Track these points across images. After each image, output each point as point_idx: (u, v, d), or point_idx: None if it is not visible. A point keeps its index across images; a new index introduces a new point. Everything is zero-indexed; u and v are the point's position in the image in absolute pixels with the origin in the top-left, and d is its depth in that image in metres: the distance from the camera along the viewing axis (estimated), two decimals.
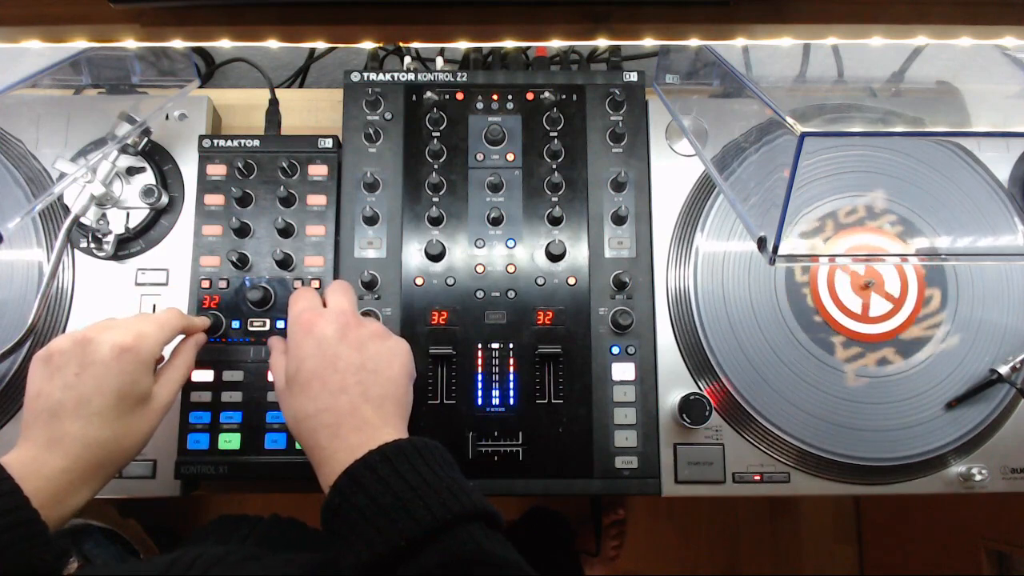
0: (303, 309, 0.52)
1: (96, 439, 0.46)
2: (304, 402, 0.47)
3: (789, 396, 0.59)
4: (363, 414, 0.46)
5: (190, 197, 0.62)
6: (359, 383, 0.47)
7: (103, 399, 0.46)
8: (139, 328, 0.49)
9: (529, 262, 0.61)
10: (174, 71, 0.65)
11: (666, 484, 0.58)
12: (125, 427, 0.47)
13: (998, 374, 0.59)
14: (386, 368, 0.49)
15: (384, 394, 0.48)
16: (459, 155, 0.63)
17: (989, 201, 0.62)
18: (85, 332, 0.48)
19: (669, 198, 0.64)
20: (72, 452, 0.45)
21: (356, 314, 0.52)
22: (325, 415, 0.46)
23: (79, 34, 0.49)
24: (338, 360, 0.48)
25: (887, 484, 0.60)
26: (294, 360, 0.49)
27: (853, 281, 0.61)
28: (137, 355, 0.48)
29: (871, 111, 0.63)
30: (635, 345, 0.60)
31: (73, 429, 0.45)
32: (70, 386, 0.46)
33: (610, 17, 0.49)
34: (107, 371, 0.47)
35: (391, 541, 0.38)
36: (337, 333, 0.49)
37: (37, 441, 0.45)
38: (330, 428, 0.46)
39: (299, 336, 0.50)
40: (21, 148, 0.62)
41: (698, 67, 0.66)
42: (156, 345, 0.50)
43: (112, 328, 0.49)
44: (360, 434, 0.45)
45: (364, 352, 0.49)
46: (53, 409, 0.46)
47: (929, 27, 0.49)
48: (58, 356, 0.47)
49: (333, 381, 0.47)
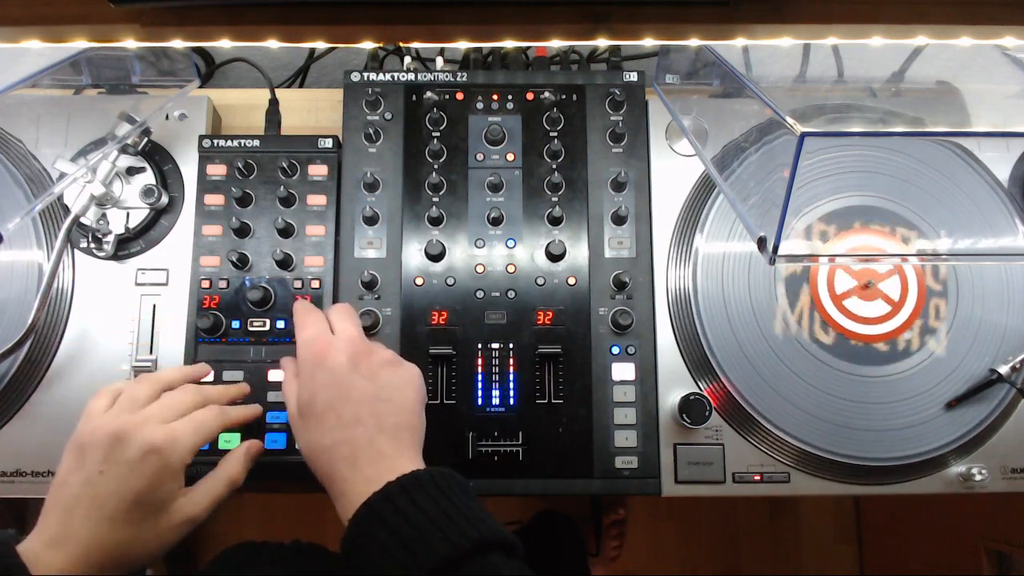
0: (313, 337, 0.51)
1: (102, 544, 0.43)
2: (319, 435, 0.47)
3: (789, 396, 0.59)
4: (379, 445, 0.46)
5: (190, 197, 0.62)
6: (374, 414, 0.47)
7: (118, 502, 0.44)
8: (173, 430, 0.47)
9: (529, 262, 0.61)
10: (174, 71, 0.65)
11: (666, 484, 0.58)
12: (137, 534, 0.45)
13: (998, 374, 0.59)
14: (399, 397, 0.49)
15: (399, 423, 0.48)
16: (459, 155, 0.63)
17: (989, 201, 0.62)
18: (121, 427, 0.46)
19: (669, 198, 0.64)
20: (75, 554, 0.43)
21: (365, 340, 0.52)
22: (342, 448, 0.46)
23: (79, 34, 0.49)
24: (352, 391, 0.48)
25: (887, 484, 0.60)
26: (307, 391, 0.49)
27: (853, 281, 0.61)
28: (164, 460, 0.45)
29: (871, 111, 0.63)
30: (635, 345, 0.60)
31: (82, 531, 0.43)
32: (91, 483, 0.44)
33: (610, 17, 0.49)
34: (130, 473, 0.45)
35: (412, 573, 0.38)
36: (349, 363, 0.49)
37: (44, 535, 0.43)
38: (347, 461, 0.46)
39: (311, 366, 0.49)
40: (21, 148, 0.62)
41: (698, 67, 0.66)
42: (188, 451, 0.47)
43: (147, 424, 0.46)
44: (377, 466, 0.45)
45: (377, 381, 0.49)
46: (68, 505, 0.44)
47: (929, 27, 0.49)
48: (89, 447, 0.46)
49: (348, 413, 0.47)
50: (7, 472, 0.57)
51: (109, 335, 0.59)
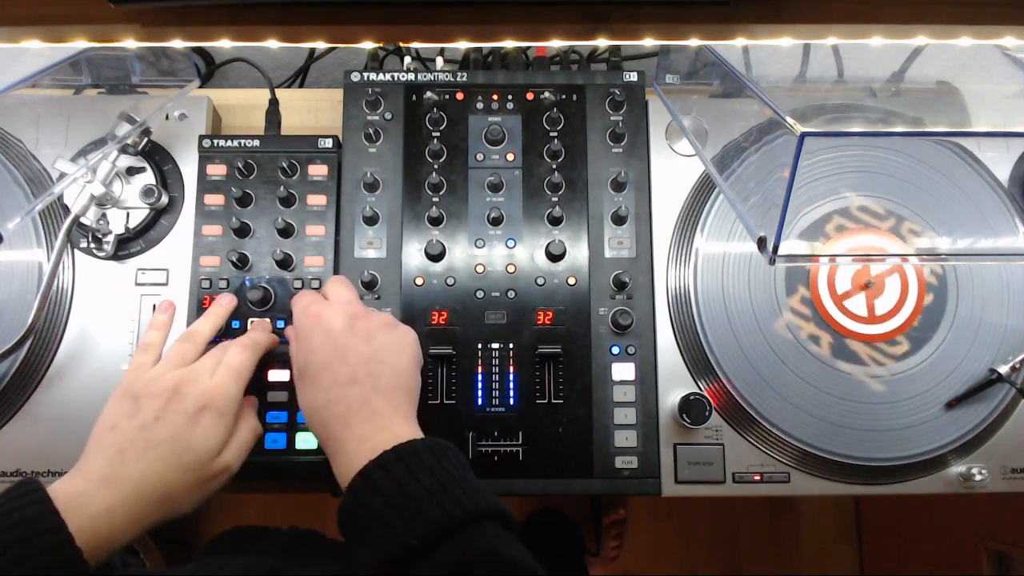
0: (309, 303, 0.52)
1: (150, 484, 0.45)
2: (315, 394, 0.48)
3: (789, 396, 0.59)
4: (373, 405, 0.47)
5: (190, 197, 0.62)
6: (369, 374, 0.48)
7: (172, 447, 0.46)
8: (223, 382, 0.50)
9: (529, 262, 0.61)
10: (174, 71, 0.65)
11: (666, 484, 0.58)
12: (183, 480, 0.47)
13: (998, 374, 0.59)
14: (395, 358, 0.50)
15: (395, 384, 0.49)
16: (459, 155, 0.63)
17: (989, 201, 0.62)
18: (179, 382, 0.49)
19: (669, 198, 0.64)
20: (123, 493, 0.44)
21: (361, 304, 0.53)
22: (336, 407, 0.47)
23: (79, 34, 0.49)
24: (347, 352, 0.49)
25: (887, 484, 0.60)
26: (303, 351, 0.50)
27: (853, 281, 0.61)
28: (218, 413, 0.48)
29: (871, 111, 0.63)
30: (635, 345, 0.60)
31: (133, 471, 0.45)
32: (146, 427, 0.46)
33: (610, 17, 0.49)
34: (188, 423, 0.47)
35: (404, 541, 0.38)
36: (345, 324, 0.50)
37: (91, 475, 0.44)
38: (341, 419, 0.47)
39: (307, 328, 0.51)
40: (21, 148, 0.62)
41: (698, 67, 0.66)
42: (236, 399, 0.50)
43: (199, 378, 0.49)
44: (370, 424, 0.46)
45: (373, 342, 0.50)
46: (122, 446, 0.46)
47: (929, 27, 0.49)
48: (145, 398, 0.48)
49: (343, 373, 0.48)
50: (7, 472, 0.57)
51: (109, 335, 0.59)
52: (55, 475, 0.57)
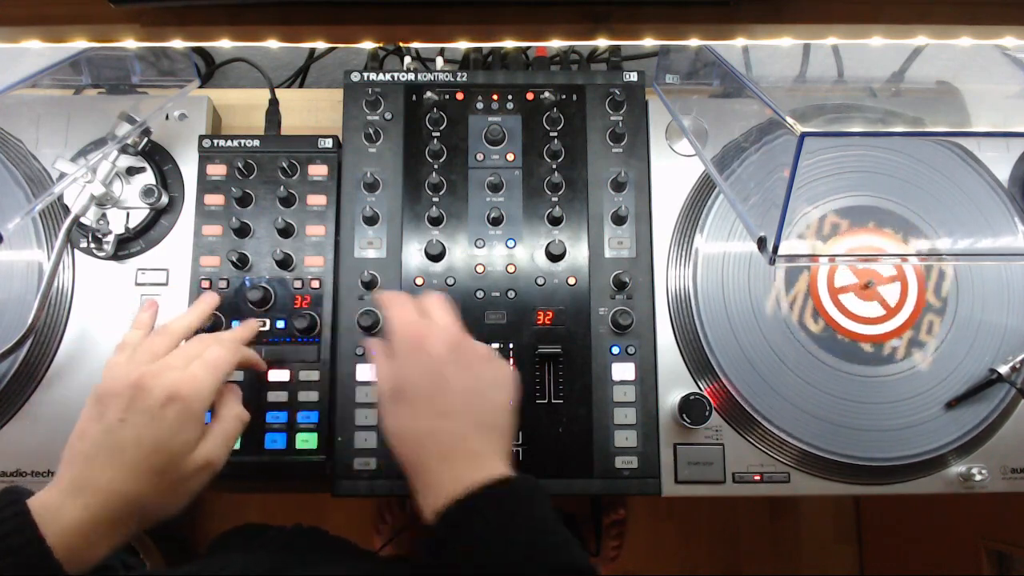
0: (411, 320, 0.50)
1: (122, 492, 0.43)
2: (409, 420, 0.47)
3: (789, 396, 0.59)
4: (471, 444, 0.46)
5: (190, 197, 0.62)
6: (467, 409, 0.46)
7: (138, 450, 0.43)
8: (192, 375, 0.46)
9: (529, 262, 0.61)
10: (174, 71, 0.65)
11: (666, 484, 0.58)
12: (157, 483, 0.44)
13: (998, 374, 0.59)
14: (493, 394, 0.48)
15: (492, 423, 0.47)
16: (459, 155, 0.63)
17: (989, 201, 0.62)
18: (141, 376, 0.45)
19: (669, 198, 0.63)
20: (95, 502, 0.42)
21: (465, 332, 0.50)
22: (432, 438, 0.46)
23: (79, 34, 0.49)
24: (448, 381, 0.47)
25: (887, 484, 0.60)
26: (402, 373, 0.48)
27: (853, 281, 0.61)
28: (186, 405, 0.45)
29: (871, 111, 0.63)
30: (635, 345, 0.60)
31: (102, 478, 0.43)
32: (111, 431, 0.44)
33: (610, 17, 0.49)
34: (152, 421, 0.44)
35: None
36: (448, 352, 0.48)
37: (64, 485, 0.43)
38: (438, 454, 0.45)
39: (407, 348, 0.48)
40: (21, 148, 0.62)
41: (698, 67, 0.66)
42: (207, 394, 0.47)
43: (166, 371, 0.46)
44: (468, 464, 0.44)
45: (472, 375, 0.48)
46: (88, 453, 0.44)
47: (929, 27, 0.49)
48: (108, 397, 0.45)
49: (442, 403, 0.46)
50: (7, 472, 0.57)
51: (109, 335, 0.59)
52: (55, 475, 0.57)
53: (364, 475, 0.57)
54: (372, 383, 0.59)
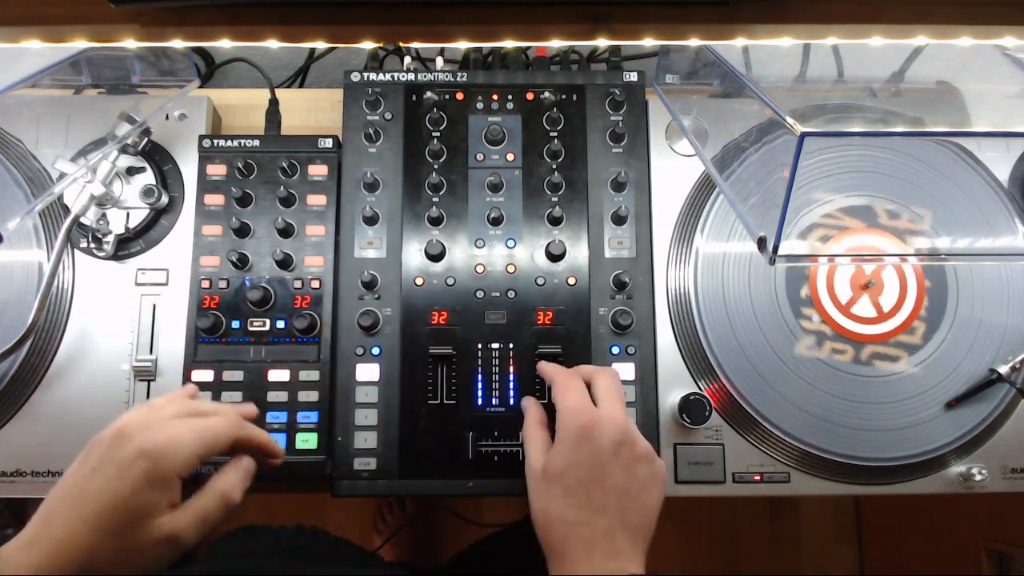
0: (580, 407, 0.50)
1: (72, 547, 0.40)
2: (562, 506, 0.48)
3: (789, 396, 0.59)
4: (617, 542, 0.46)
5: (190, 197, 0.62)
6: (620, 507, 0.47)
7: (98, 504, 0.41)
8: (176, 433, 0.43)
9: (529, 262, 0.61)
10: (174, 71, 0.65)
11: (666, 484, 0.58)
12: (110, 543, 0.40)
13: (998, 374, 0.59)
14: (646, 496, 0.49)
15: (640, 525, 0.48)
16: (459, 155, 0.63)
17: (989, 201, 0.62)
18: (124, 425, 0.43)
19: (669, 198, 0.63)
20: (43, 554, 0.39)
21: (632, 426, 0.50)
22: (581, 528, 0.47)
23: (79, 34, 0.49)
24: (606, 478, 0.48)
25: (887, 484, 0.60)
26: (563, 459, 0.48)
27: (853, 281, 0.61)
28: (155, 465, 0.41)
29: (871, 111, 0.63)
30: (635, 345, 0.60)
31: (57, 531, 0.40)
32: (79, 482, 0.42)
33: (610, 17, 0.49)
34: (117, 475, 0.41)
35: None
36: (612, 448, 0.48)
37: (25, 535, 0.41)
38: (583, 545, 0.46)
39: (573, 437, 0.49)
40: (21, 148, 0.62)
41: (698, 67, 0.66)
42: (185, 459, 0.43)
43: (150, 426, 0.43)
44: (611, 563, 0.45)
45: (631, 474, 0.49)
46: (54, 503, 0.42)
47: (929, 27, 0.49)
48: (93, 445, 0.43)
49: (597, 498, 0.47)
50: (7, 472, 0.57)
51: (109, 335, 0.59)
52: (55, 475, 0.57)
53: (364, 475, 0.57)
54: (373, 383, 0.59)
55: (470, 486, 0.58)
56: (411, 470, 0.58)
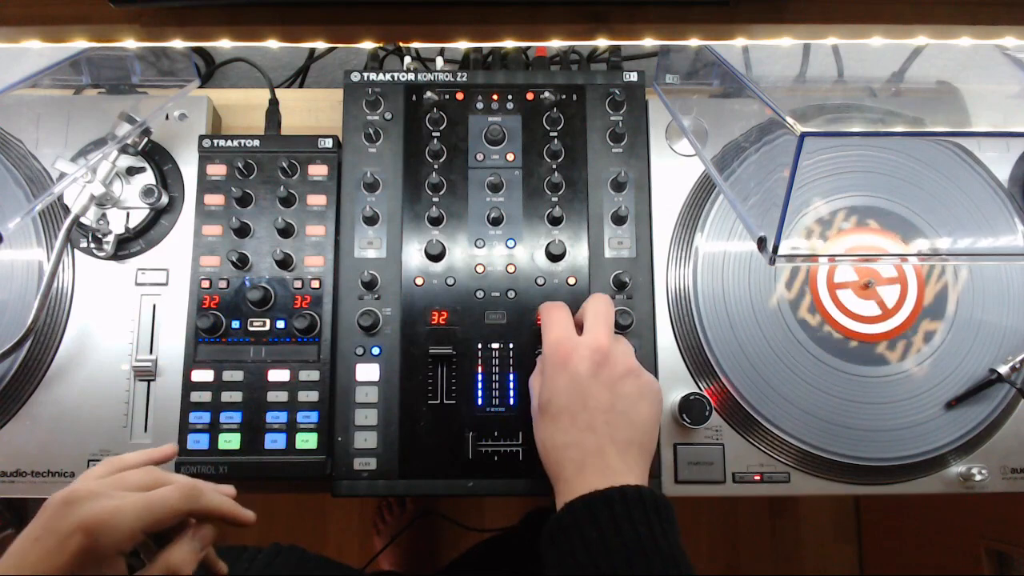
0: (559, 339, 0.52)
1: None
2: (553, 433, 0.50)
3: (789, 396, 0.59)
4: (607, 458, 0.48)
5: (190, 197, 0.62)
6: (607, 424, 0.49)
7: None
8: (116, 508, 0.40)
9: (529, 262, 0.61)
10: (174, 71, 0.65)
11: (666, 484, 0.58)
12: None
13: (998, 374, 0.59)
14: (634, 410, 0.50)
15: (630, 439, 0.49)
16: (459, 155, 0.63)
17: (989, 201, 0.62)
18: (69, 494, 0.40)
19: (669, 198, 0.63)
20: None
21: (612, 348, 0.51)
22: (571, 450, 0.48)
23: (79, 34, 0.49)
24: (588, 398, 0.49)
25: (887, 484, 0.60)
26: (548, 390, 0.51)
27: (853, 280, 0.61)
28: (93, 542, 0.38)
29: (871, 111, 0.63)
30: (635, 345, 0.60)
31: None
32: (23, 550, 0.39)
33: (610, 17, 0.49)
34: (55, 548, 0.38)
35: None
36: (590, 370, 0.50)
37: None
38: (575, 464, 0.48)
39: (554, 368, 0.51)
40: (21, 148, 0.62)
41: (698, 67, 0.66)
42: (127, 534, 0.39)
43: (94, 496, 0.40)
44: (602, 477, 0.46)
45: (615, 391, 0.50)
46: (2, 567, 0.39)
47: (929, 27, 0.49)
48: (44, 508, 0.40)
49: (582, 419, 0.49)
50: (7, 472, 0.57)
51: (109, 335, 0.59)
52: (55, 475, 0.57)
53: (364, 475, 0.57)
54: (373, 383, 0.59)
55: (470, 486, 0.58)
56: (411, 470, 0.58)
